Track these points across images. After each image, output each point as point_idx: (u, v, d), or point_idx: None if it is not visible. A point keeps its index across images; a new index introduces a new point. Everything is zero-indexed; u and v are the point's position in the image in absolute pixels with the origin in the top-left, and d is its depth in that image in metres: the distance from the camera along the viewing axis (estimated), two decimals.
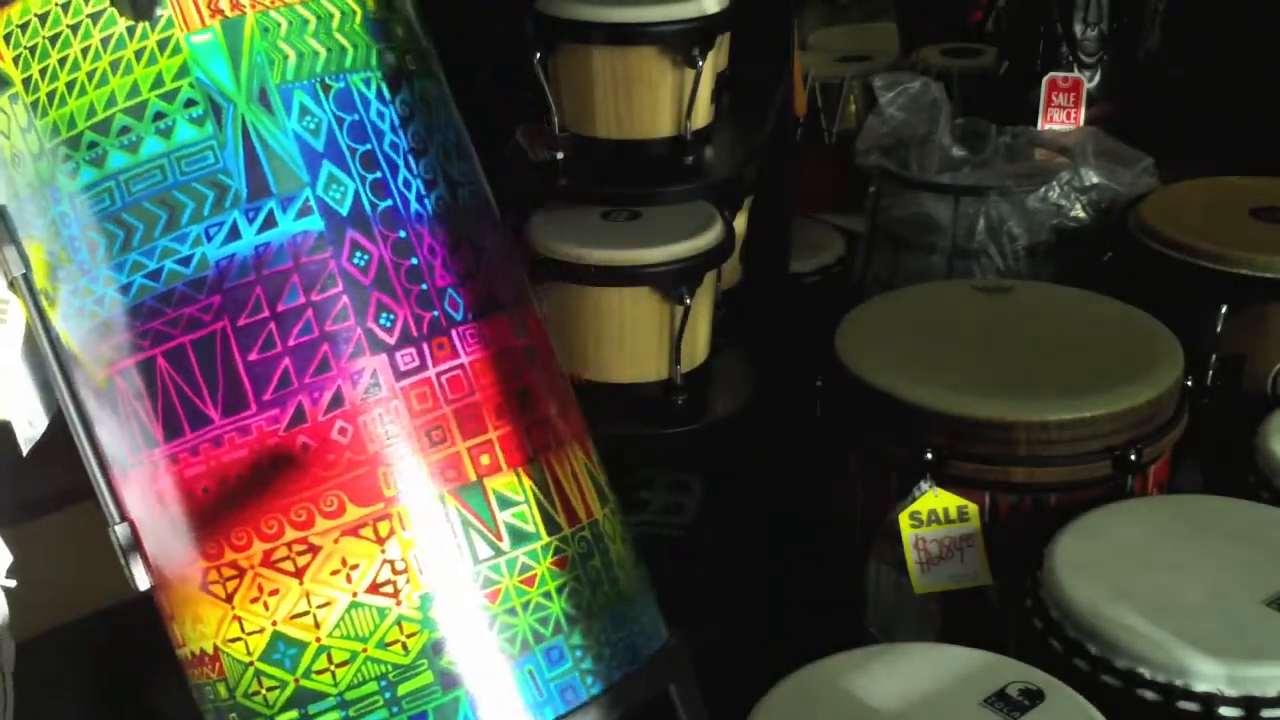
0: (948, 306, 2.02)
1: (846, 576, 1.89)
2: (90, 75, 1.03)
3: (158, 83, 1.03)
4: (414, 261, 1.07)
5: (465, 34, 1.32)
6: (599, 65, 1.81)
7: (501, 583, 1.04)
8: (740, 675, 1.46)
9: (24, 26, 1.04)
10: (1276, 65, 3.01)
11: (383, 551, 1.01)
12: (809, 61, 3.37)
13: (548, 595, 1.06)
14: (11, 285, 1.10)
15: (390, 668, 1.02)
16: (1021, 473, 1.72)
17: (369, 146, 1.07)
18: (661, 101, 1.84)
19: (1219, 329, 2.04)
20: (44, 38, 1.03)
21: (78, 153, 1.04)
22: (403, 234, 1.07)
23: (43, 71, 1.04)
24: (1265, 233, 2.15)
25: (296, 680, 1.03)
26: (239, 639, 1.04)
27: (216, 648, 1.06)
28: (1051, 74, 2.78)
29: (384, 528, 1.01)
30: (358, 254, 1.04)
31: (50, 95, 1.04)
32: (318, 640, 1.02)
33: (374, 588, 1.01)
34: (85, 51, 1.03)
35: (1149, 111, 2.99)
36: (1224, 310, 2.03)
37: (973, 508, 1.70)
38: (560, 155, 1.87)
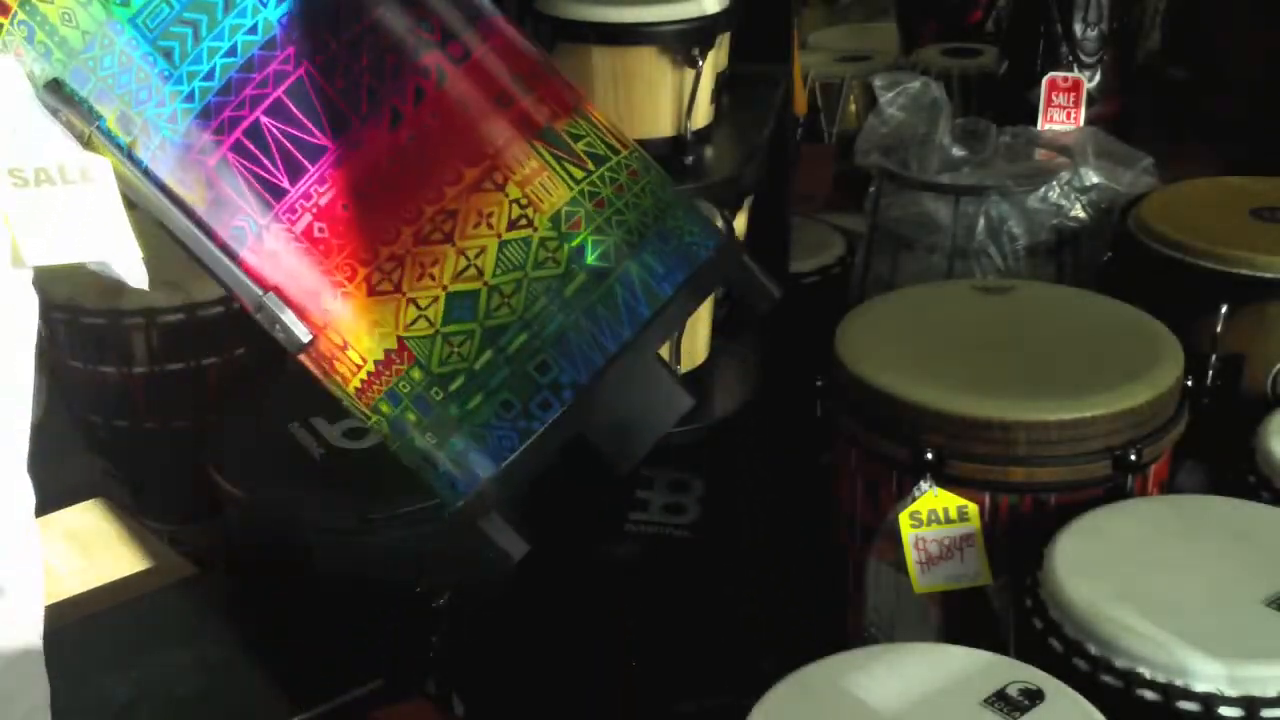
0: (948, 306, 2.02)
1: (846, 576, 1.89)
2: None
3: None
4: None
5: None
6: (598, 65, 1.81)
7: (602, 192, 1.24)
8: (740, 675, 1.46)
9: None
10: (1276, 65, 3.01)
11: (506, 195, 1.20)
12: (809, 61, 3.37)
13: (637, 195, 1.26)
14: (88, 143, 1.21)
15: (551, 280, 1.20)
16: (1021, 473, 1.72)
17: None
18: (661, 101, 1.84)
19: (1219, 329, 2.04)
20: None
21: None
22: None
23: None
24: (1265, 233, 2.15)
25: (481, 324, 1.20)
26: (419, 317, 1.20)
27: (400, 339, 1.21)
28: (1051, 74, 2.78)
29: (498, 177, 1.20)
30: None
31: None
32: (485, 284, 1.20)
33: (511, 225, 1.20)
34: None
35: (1149, 111, 3.00)
36: (1224, 310, 2.03)
37: (973, 508, 1.70)
38: None
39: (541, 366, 1.21)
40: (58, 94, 1.20)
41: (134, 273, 1.21)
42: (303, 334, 1.23)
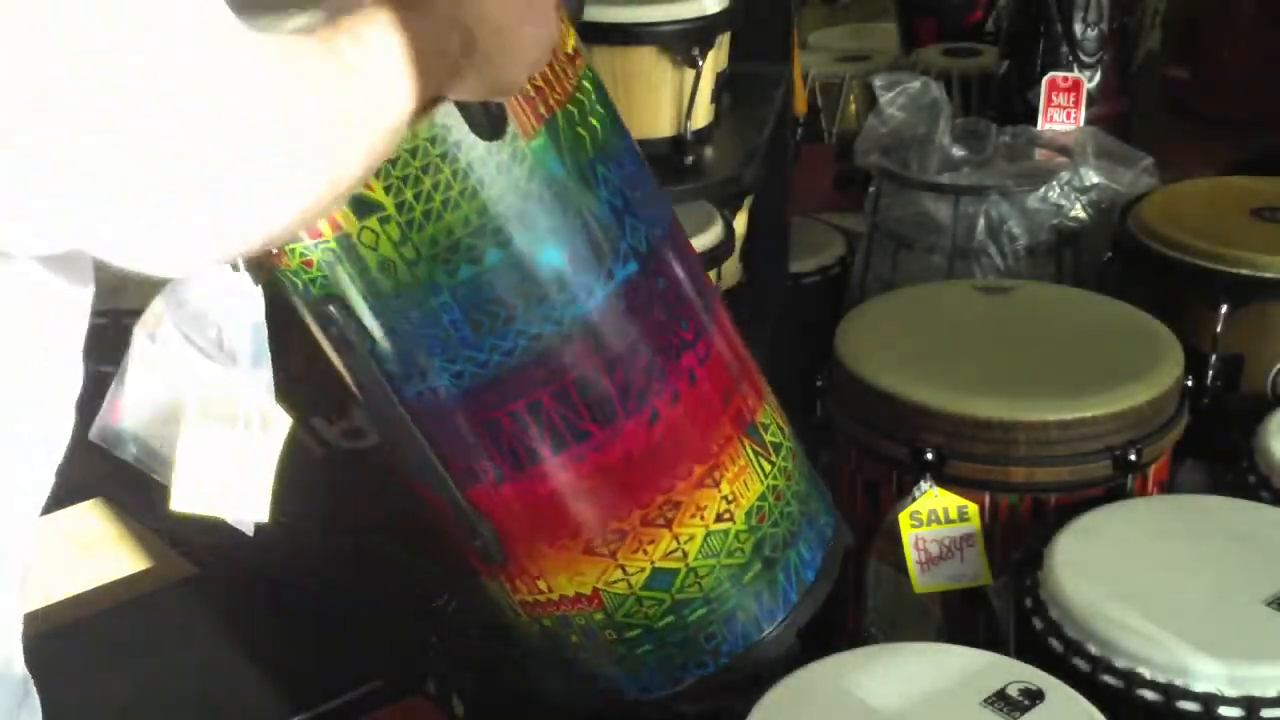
0: (948, 306, 2.02)
1: (846, 576, 1.89)
2: (462, 193, 1.15)
3: (516, 187, 1.18)
4: (682, 274, 1.32)
5: None
6: (599, 65, 1.80)
7: (779, 484, 1.36)
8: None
9: (393, 161, 1.14)
10: (1276, 65, 3.01)
11: (719, 491, 1.31)
12: (809, 61, 3.37)
13: (797, 483, 1.39)
14: (353, 355, 1.22)
15: (736, 568, 1.33)
16: (1021, 473, 1.72)
17: (637, 193, 1.28)
18: (661, 101, 1.84)
19: (1219, 329, 2.04)
20: (415, 168, 1.14)
21: (457, 255, 1.17)
22: (669, 256, 1.30)
23: (416, 195, 1.15)
24: (1265, 233, 2.16)
25: (673, 596, 1.32)
26: (620, 579, 1.31)
27: (595, 589, 1.31)
28: (1051, 74, 2.78)
29: (717, 475, 1.31)
30: (660, 280, 1.28)
31: (426, 214, 1.16)
32: (686, 565, 1.31)
33: (718, 518, 1.31)
34: (455, 174, 1.15)
35: (1149, 111, 3.00)
36: (1224, 310, 2.03)
37: (973, 508, 1.70)
38: None
39: (710, 636, 1.35)
40: (341, 309, 1.19)
41: (248, 526, 1.18)
42: (499, 555, 1.30)
